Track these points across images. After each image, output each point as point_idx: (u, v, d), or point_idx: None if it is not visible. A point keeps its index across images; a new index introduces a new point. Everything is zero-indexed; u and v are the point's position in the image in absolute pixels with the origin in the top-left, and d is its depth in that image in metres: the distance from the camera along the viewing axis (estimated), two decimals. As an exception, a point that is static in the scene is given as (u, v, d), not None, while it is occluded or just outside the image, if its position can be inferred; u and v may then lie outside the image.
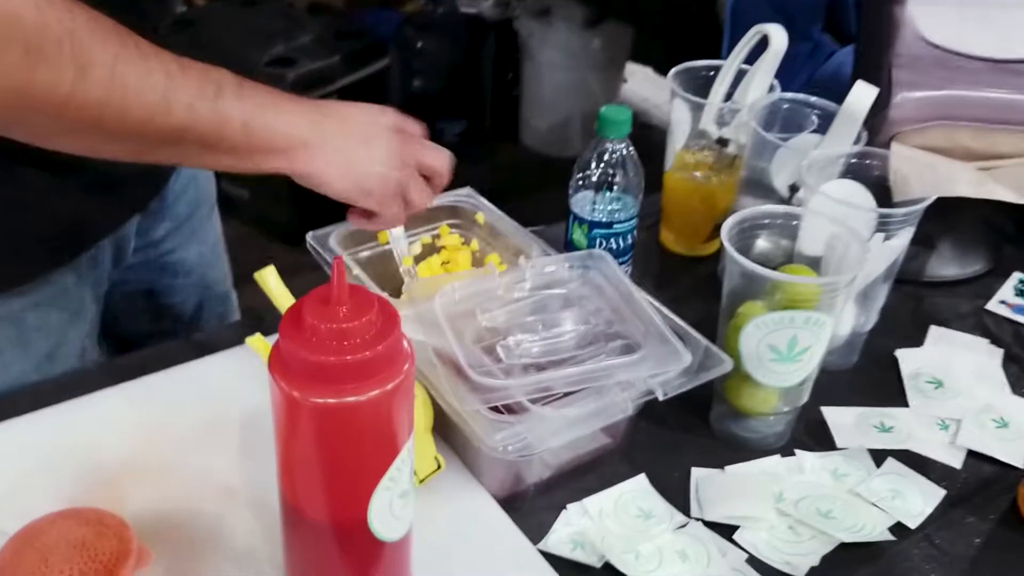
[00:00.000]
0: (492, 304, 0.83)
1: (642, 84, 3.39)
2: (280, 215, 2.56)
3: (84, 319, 0.98)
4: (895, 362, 0.97)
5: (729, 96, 1.08)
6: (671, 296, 1.07)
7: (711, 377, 0.77)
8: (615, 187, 0.97)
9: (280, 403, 0.56)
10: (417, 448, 0.77)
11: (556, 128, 3.18)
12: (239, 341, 0.89)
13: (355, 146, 0.80)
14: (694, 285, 1.09)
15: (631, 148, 0.96)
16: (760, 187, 1.04)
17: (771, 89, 1.07)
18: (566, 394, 0.75)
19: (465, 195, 1.02)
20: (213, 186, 1.18)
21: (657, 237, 1.17)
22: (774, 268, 0.86)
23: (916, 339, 1.00)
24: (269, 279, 0.87)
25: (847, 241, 0.83)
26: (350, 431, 0.56)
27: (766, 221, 0.86)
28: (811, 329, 0.78)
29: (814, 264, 0.87)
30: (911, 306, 1.05)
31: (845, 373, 0.96)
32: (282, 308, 0.87)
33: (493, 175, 3.27)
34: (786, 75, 1.33)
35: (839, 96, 1.02)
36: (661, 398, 0.74)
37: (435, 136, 0.89)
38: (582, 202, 0.98)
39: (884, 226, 0.86)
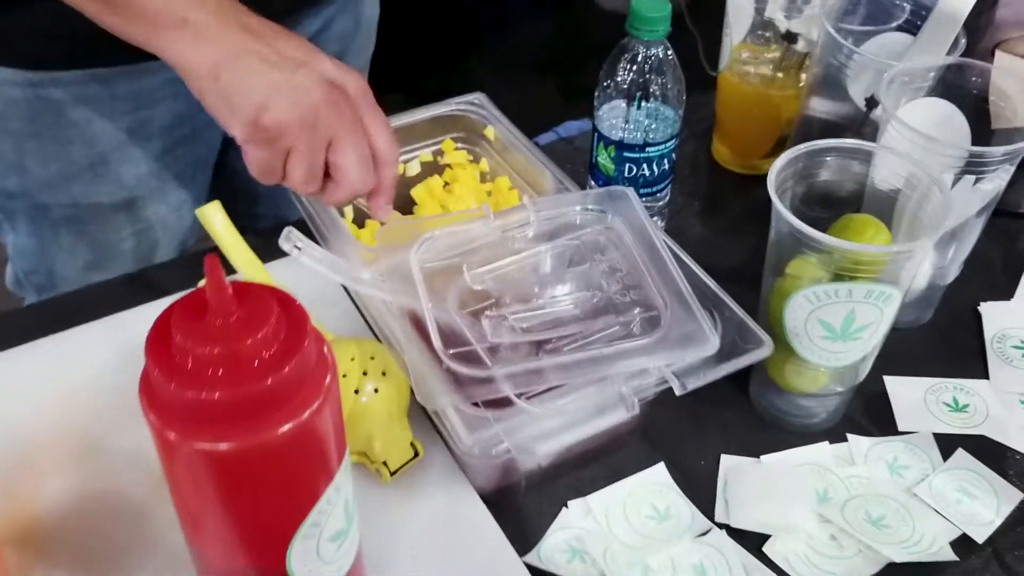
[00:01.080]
0: (484, 257, 0.69)
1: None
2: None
3: (151, 139, 0.88)
4: (978, 318, 0.81)
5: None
6: (720, 225, 0.92)
7: (744, 365, 0.63)
8: (651, 97, 0.80)
9: (156, 438, 0.44)
10: (391, 434, 0.65)
11: (628, -18, 2.90)
12: (195, 281, 0.76)
13: (269, 56, 0.64)
14: (748, 211, 0.93)
15: (670, 52, 0.78)
16: (835, 88, 0.85)
17: (852, -26, 0.87)
18: (562, 380, 0.61)
19: (474, 103, 0.86)
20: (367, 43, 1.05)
21: (708, 148, 1.00)
22: (841, 203, 0.71)
23: (1006, 289, 0.83)
24: (214, 218, 0.74)
25: (927, 186, 0.66)
26: (251, 479, 0.44)
27: (828, 158, 0.69)
28: (874, 304, 0.63)
29: (889, 203, 0.70)
30: (1003, 246, 0.87)
31: (916, 331, 0.80)
32: (232, 255, 0.74)
33: (558, 38, 3.04)
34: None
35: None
36: (679, 392, 0.60)
37: None
38: (610, 116, 0.81)
39: (976, 167, 0.68)
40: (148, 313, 0.77)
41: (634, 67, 0.79)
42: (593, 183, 0.85)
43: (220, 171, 1.01)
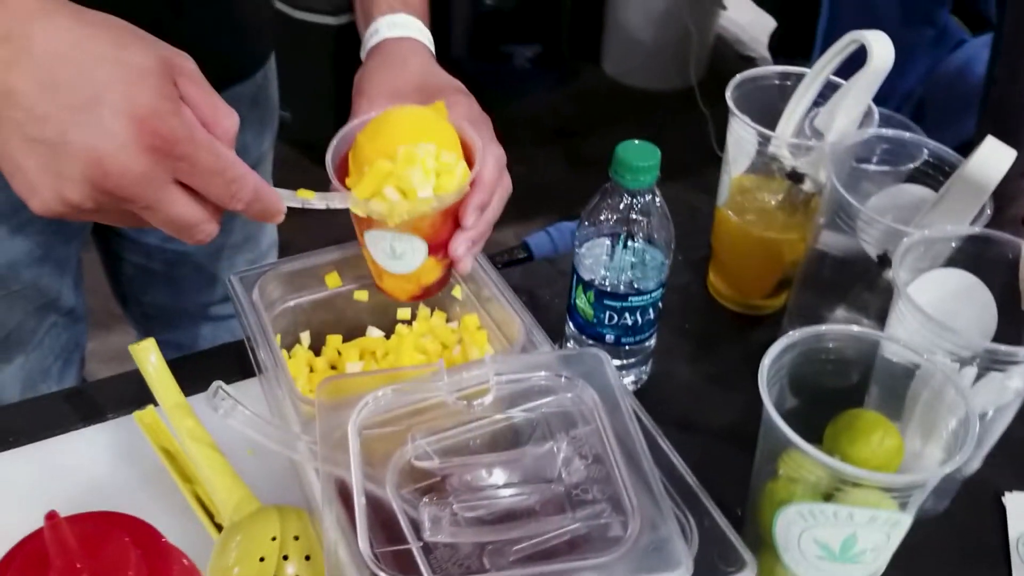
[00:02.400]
0: (432, 424, 0.60)
1: (743, 9, 3.02)
2: (323, 137, 2.35)
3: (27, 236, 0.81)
4: (1002, 510, 0.71)
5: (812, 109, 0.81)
6: (711, 373, 0.83)
7: (720, 594, 0.53)
8: (636, 237, 0.71)
9: None
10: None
11: (641, 56, 2.86)
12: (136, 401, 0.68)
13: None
14: (744, 358, 0.83)
15: (658, 198, 0.70)
16: (849, 223, 0.77)
17: (866, 115, 0.79)
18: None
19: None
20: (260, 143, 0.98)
21: (704, 280, 0.92)
22: (845, 371, 0.62)
23: (1033, 475, 0.74)
24: (148, 357, 0.66)
25: (941, 383, 0.57)
26: None
27: (830, 345, 0.60)
28: (879, 528, 0.54)
29: (902, 380, 0.62)
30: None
31: (930, 522, 0.70)
32: (160, 394, 0.66)
33: (569, 104, 2.98)
34: (899, 65, 1.04)
35: (963, 99, 0.75)
36: (640, 630, 0.51)
37: (505, 60, 0.64)
38: (592, 253, 0.73)
39: (1003, 363, 0.59)
40: (73, 443, 0.71)
41: (618, 212, 0.71)
42: (570, 322, 0.77)
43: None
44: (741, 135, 0.80)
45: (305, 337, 0.76)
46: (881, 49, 0.73)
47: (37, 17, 0.49)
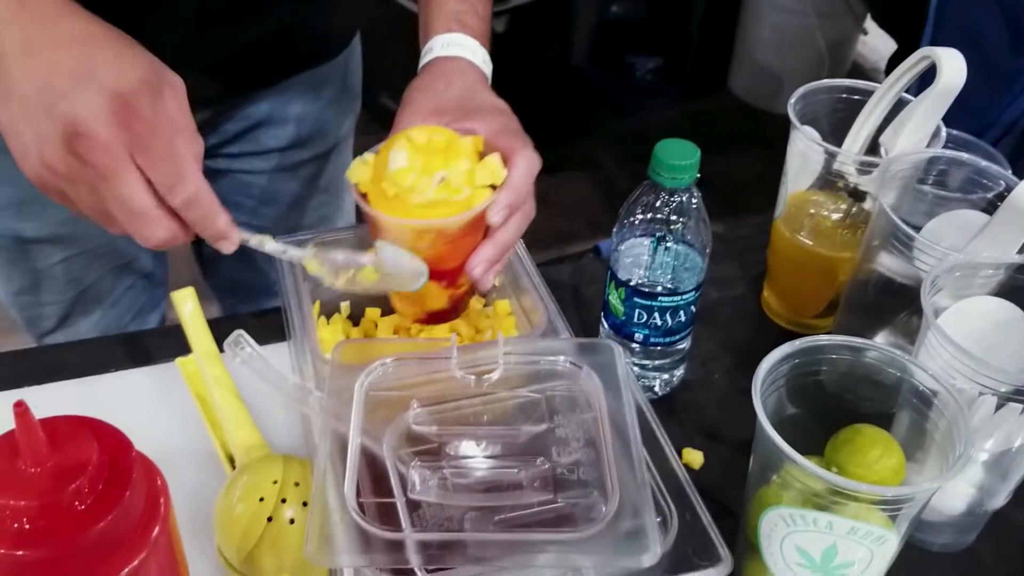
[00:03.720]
0: (437, 394, 0.64)
1: (886, 36, 2.97)
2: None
3: None
4: (1028, 555, 0.71)
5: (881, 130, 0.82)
6: (748, 387, 0.84)
7: (689, 586, 0.56)
8: (671, 238, 0.74)
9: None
10: (303, 571, 0.61)
11: (769, 78, 2.85)
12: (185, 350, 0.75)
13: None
14: (787, 375, 0.85)
15: (696, 199, 0.72)
16: (902, 246, 0.77)
17: (935, 135, 0.79)
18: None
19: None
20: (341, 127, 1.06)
21: (759, 295, 0.93)
22: (878, 391, 0.64)
23: (1067, 521, 0.74)
24: (184, 304, 0.72)
25: (954, 413, 0.58)
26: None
27: (832, 356, 0.62)
28: (859, 542, 0.55)
29: (924, 412, 0.63)
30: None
31: (953, 557, 0.71)
32: (194, 343, 0.73)
33: (689, 120, 2.99)
34: (1001, 94, 1.04)
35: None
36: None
37: (625, 71, 0.66)
38: (631, 252, 0.76)
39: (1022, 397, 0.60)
40: (118, 382, 0.79)
41: (655, 212, 0.73)
42: (604, 319, 0.80)
43: None
44: (803, 149, 0.82)
45: (345, 307, 0.82)
46: (951, 67, 0.74)
47: (64, 15, 0.59)
